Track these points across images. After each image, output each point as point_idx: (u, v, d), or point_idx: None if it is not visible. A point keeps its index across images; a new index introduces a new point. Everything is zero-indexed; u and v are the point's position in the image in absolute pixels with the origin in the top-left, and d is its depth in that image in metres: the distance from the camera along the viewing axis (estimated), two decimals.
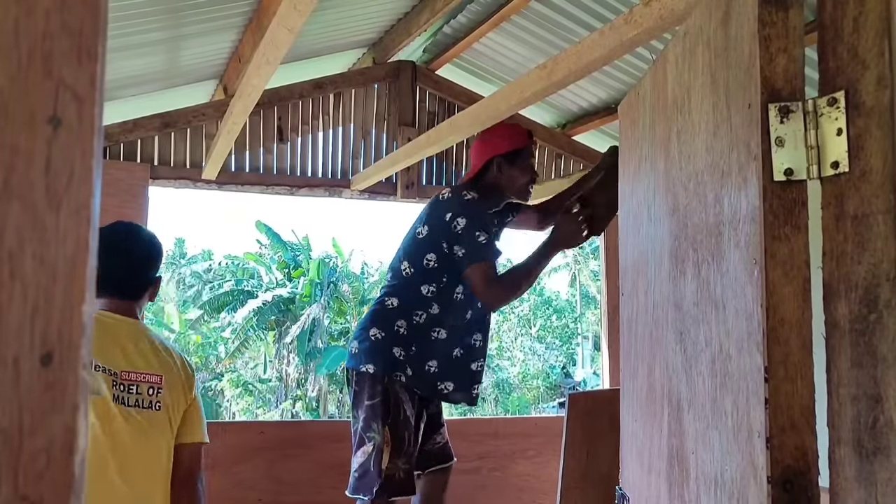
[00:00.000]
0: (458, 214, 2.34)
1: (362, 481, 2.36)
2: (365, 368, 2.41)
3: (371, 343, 2.43)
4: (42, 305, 0.41)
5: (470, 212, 2.35)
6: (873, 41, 0.89)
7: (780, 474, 0.94)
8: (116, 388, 1.70)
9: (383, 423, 2.38)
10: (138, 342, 1.79)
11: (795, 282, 0.96)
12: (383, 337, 2.43)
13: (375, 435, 2.37)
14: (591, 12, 2.98)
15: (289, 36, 1.69)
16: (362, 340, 2.46)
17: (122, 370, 1.72)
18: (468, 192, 2.39)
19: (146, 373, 1.76)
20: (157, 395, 1.76)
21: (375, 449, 2.36)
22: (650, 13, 1.39)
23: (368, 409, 2.39)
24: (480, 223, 2.35)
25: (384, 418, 2.39)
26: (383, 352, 2.41)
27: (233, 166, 3.36)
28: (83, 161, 0.42)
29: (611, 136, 3.97)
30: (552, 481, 3.17)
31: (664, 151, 1.44)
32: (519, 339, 26.26)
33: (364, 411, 2.40)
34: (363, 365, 2.41)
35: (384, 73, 3.70)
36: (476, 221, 2.34)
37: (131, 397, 1.72)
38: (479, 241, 2.33)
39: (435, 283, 2.42)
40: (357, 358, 2.45)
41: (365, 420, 2.39)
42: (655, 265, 1.49)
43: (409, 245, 2.48)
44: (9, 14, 0.41)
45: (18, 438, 0.40)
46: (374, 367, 2.39)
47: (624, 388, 1.76)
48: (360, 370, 2.42)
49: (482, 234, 2.33)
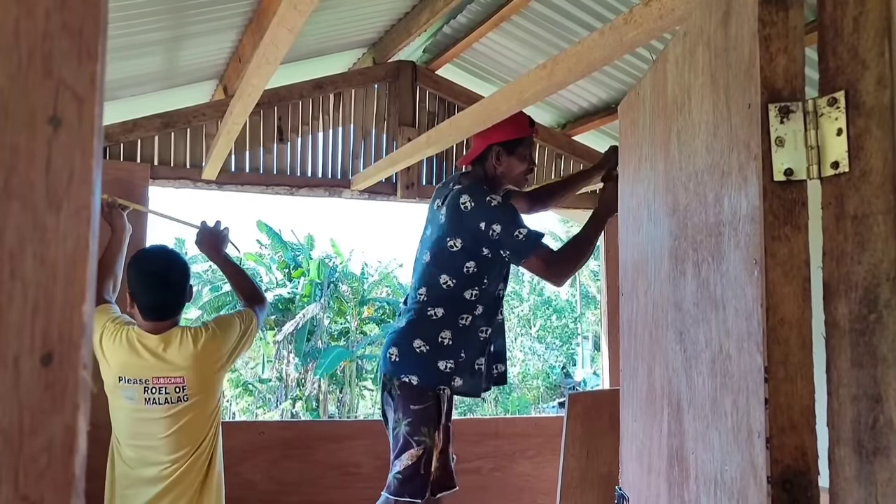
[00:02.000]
0: (493, 222, 2.37)
1: (410, 484, 2.38)
2: (408, 379, 2.43)
3: (416, 355, 2.45)
4: (42, 305, 0.41)
5: (502, 217, 2.39)
6: (873, 41, 0.89)
7: (779, 474, 0.94)
8: (148, 392, 2.21)
9: (435, 427, 2.45)
10: (168, 348, 2.22)
11: (795, 282, 0.96)
12: (428, 350, 2.45)
13: (426, 439, 2.40)
14: (591, 12, 2.98)
15: (289, 36, 1.69)
16: (404, 350, 2.47)
17: (153, 376, 2.20)
18: (492, 198, 2.41)
19: (171, 377, 2.20)
20: (183, 391, 2.21)
21: (426, 452, 2.39)
22: (650, 13, 1.39)
23: (418, 413, 2.42)
24: (514, 221, 2.39)
25: (437, 422, 2.46)
26: (429, 365, 2.44)
27: (233, 166, 3.36)
28: (83, 161, 0.42)
29: (611, 136, 3.97)
30: (552, 481, 3.17)
31: (664, 151, 1.44)
32: (519, 339, 26.23)
33: (412, 415, 2.42)
34: (406, 375, 2.43)
35: (384, 73, 3.70)
36: (510, 224, 2.38)
37: (161, 397, 2.20)
38: (519, 238, 2.37)
39: (477, 287, 2.46)
40: (398, 366, 2.45)
41: (412, 424, 2.41)
42: (655, 265, 1.49)
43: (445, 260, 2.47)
44: (9, 14, 0.41)
45: (18, 438, 0.40)
46: (420, 379, 2.42)
47: (624, 388, 1.76)
48: (402, 380, 2.44)
49: (520, 231, 2.37)
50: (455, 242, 2.44)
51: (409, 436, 2.40)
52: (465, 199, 2.43)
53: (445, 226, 2.47)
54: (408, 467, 2.38)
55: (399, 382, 2.45)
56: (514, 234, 2.37)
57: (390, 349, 2.50)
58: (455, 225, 2.45)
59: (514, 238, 2.37)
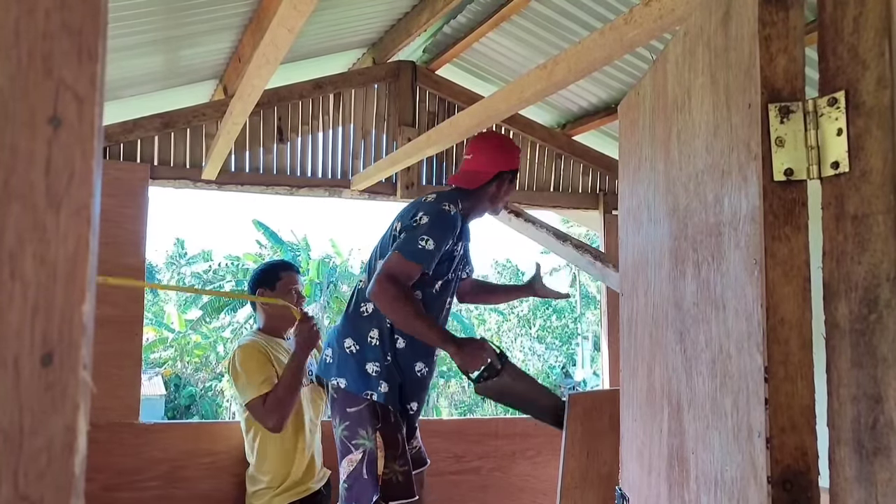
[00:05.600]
0: (426, 214, 2.25)
1: (354, 491, 2.24)
2: (337, 381, 2.31)
3: (346, 356, 2.32)
4: (42, 305, 0.41)
5: (436, 220, 2.23)
6: (873, 41, 0.89)
7: (780, 474, 0.94)
8: None
9: (373, 428, 2.27)
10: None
11: (795, 282, 0.96)
12: (358, 350, 2.31)
13: (365, 441, 2.25)
14: (591, 12, 2.98)
15: (289, 36, 1.69)
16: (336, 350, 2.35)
17: None
18: (450, 206, 2.28)
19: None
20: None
21: (366, 455, 2.23)
22: (650, 13, 1.39)
23: (353, 416, 2.28)
24: (438, 233, 2.22)
25: (373, 423, 2.27)
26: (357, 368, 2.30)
27: (233, 166, 3.36)
28: (83, 161, 0.42)
29: (611, 136, 3.98)
30: (552, 481, 3.17)
31: (664, 151, 1.44)
32: (519, 340, 26.24)
33: (347, 419, 2.28)
34: (336, 378, 2.31)
35: (384, 73, 3.70)
36: (436, 229, 2.22)
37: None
38: (421, 241, 2.20)
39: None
40: (330, 368, 2.34)
41: (349, 428, 2.27)
42: (655, 265, 1.49)
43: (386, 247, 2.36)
44: (9, 14, 0.41)
45: (19, 438, 0.40)
46: (347, 382, 2.29)
47: (624, 388, 1.76)
48: (333, 382, 2.33)
49: (430, 241, 2.20)
50: (398, 226, 2.33)
51: (346, 440, 2.28)
52: (431, 196, 2.36)
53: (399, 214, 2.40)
54: (350, 474, 2.25)
55: (332, 385, 2.34)
56: (423, 236, 2.20)
57: (326, 350, 2.41)
58: (405, 212, 2.36)
59: (420, 237, 2.20)
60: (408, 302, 2.19)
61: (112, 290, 2.94)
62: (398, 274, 2.19)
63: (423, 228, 2.22)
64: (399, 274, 2.19)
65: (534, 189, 3.93)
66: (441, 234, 2.23)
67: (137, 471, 2.93)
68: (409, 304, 2.19)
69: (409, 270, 2.19)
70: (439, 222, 2.24)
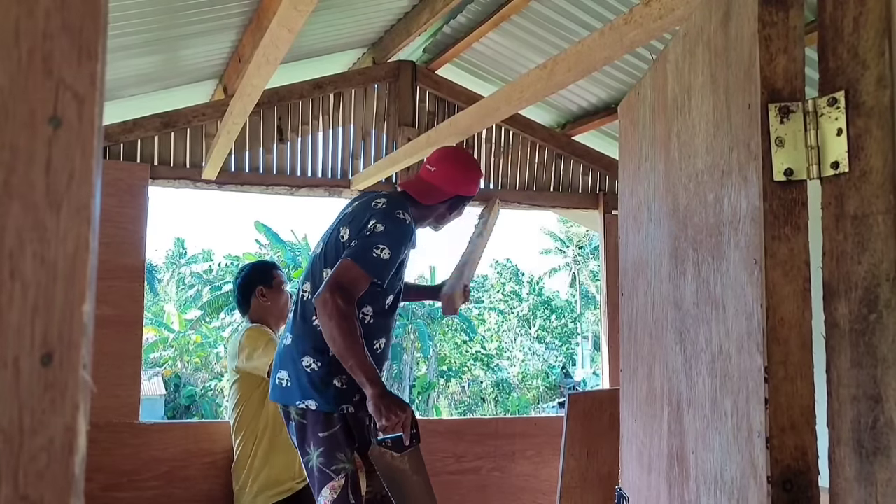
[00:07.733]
0: (379, 222, 2.10)
1: None
2: (305, 405, 2.12)
3: (307, 375, 2.13)
4: (42, 305, 0.41)
5: (394, 229, 2.10)
6: (873, 41, 0.89)
7: (780, 474, 0.94)
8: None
9: (350, 449, 2.14)
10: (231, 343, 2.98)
11: (795, 282, 0.96)
12: (320, 367, 2.13)
13: (345, 464, 2.11)
14: (591, 12, 2.98)
15: (289, 36, 1.69)
16: (294, 372, 2.16)
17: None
18: (404, 213, 2.15)
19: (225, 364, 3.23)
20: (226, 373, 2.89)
21: (349, 480, 2.10)
22: (650, 13, 1.39)
23: (327, 440, 2.12)
24: (394, 242, 2.09)
25: (350, 444, 2.15)
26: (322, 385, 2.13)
27: (233, 166, 3.36)
28: (83, 161, 0.42)
29: (611, 136, 3.98)
30: (552, 481, 3.17)
31: (664, 151, 1.44)
32: (518, 340, 26.26)
33: (321, 444, 2.12)
34: (303, 401, 2.12)
35: (384, 73, 3.70)
36: (391, 237, 2.09)
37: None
38: (376, 250, 2.06)
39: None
40: (291, 393, 2.15)
41: (325, 453, 2.11)
42: (655, 265, 1.49)
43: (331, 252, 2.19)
44: (9, 14, 0.41)
45: (19, 438, 0.40)
46: (318, 403, 2.12)
47: (624, 388, 1.76)
48: (300, 407, 2.13)
49: (386, 250, 2.07)
50: (345, 232, 2.17)
51: (324, 467, 2.11)
52: (381, 200, 2.20)
53: (346, 218, 2.23)
54: (335, 502, 2.08)
55: (297, 410, 2.15)
56: (375, 243, 2.07)
57: (279, 373, 2.19)
58: (353, 216, 2.20)
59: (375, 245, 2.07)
60: (354, 322, 2.03)
61: (112, 290, 2.94)
62: (348, 285, 2.03)
63: (377, 237, 2.08)
64: (349, 284, 2.03)
65: (534, 189, 3.93)
66: (397, 244, 2.10)
67: (137, 471, 2.94)
68: (354, 326, 2.02)
69: (360, 280, 2.05)
70: (395, 231, 2.11)
